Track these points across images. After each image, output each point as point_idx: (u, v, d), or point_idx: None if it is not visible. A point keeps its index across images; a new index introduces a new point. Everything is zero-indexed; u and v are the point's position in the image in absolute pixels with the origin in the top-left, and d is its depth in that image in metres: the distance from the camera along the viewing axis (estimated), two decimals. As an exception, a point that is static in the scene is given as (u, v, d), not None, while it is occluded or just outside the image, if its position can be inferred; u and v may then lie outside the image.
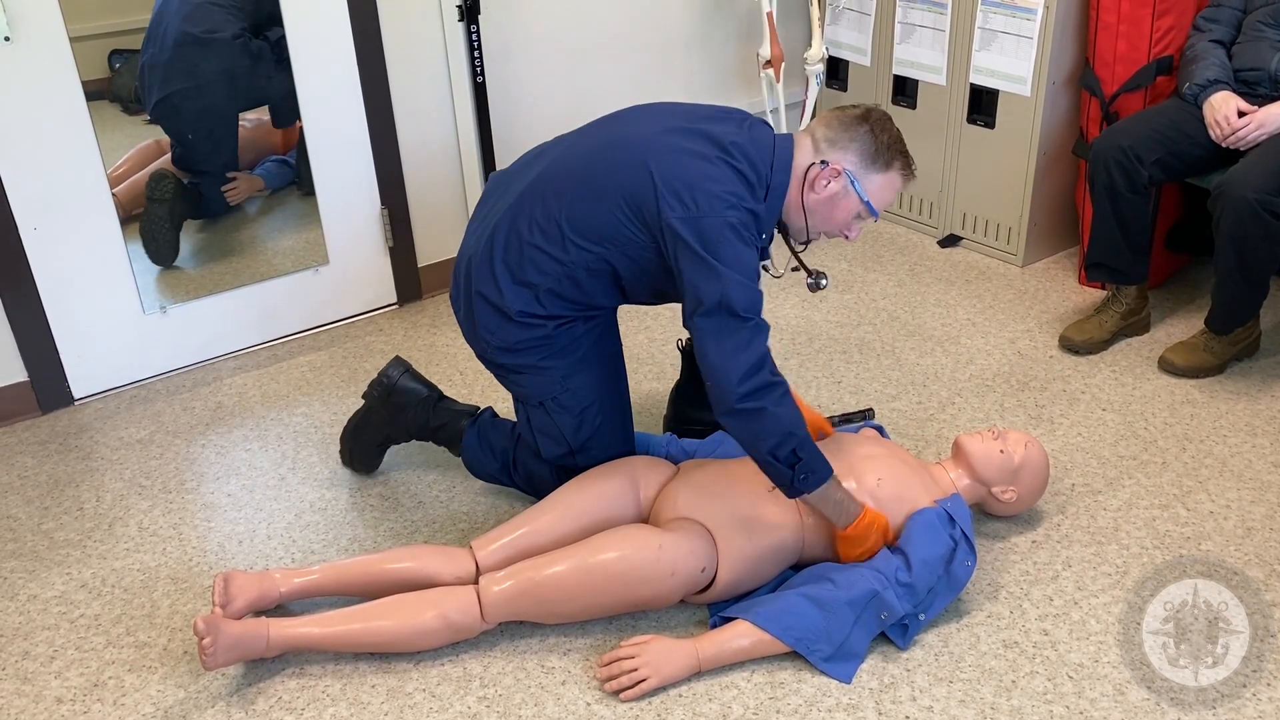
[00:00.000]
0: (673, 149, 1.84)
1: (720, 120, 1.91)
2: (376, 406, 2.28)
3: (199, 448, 2.52)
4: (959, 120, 3.24)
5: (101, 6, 2.57)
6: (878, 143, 1.88)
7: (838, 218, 1.92)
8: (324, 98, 2.80)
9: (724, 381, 1.77)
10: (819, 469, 1.83)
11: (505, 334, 1.98)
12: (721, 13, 3.41)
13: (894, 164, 1.90)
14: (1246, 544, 2.10)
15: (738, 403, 1.77)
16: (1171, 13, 2.77)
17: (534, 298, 1.94)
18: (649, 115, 1.96)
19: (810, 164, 1.89)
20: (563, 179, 1.92)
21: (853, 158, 1.88)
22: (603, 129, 1.98)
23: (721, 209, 1.79)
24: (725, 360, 1.77)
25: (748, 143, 1.87)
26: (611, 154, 1.90)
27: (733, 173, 1.83)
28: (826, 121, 1.91)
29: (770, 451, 1.79)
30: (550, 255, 1.91)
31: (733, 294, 1.76)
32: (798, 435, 1.79)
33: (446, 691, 1.82)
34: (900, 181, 1.92)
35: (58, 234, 2.56)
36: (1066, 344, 2.78)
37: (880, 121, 1.89)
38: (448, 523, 2.24)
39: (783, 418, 1.78)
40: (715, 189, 1.80)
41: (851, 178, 1.88)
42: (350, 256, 2.99)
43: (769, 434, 1.78)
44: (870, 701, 1.78)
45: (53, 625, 2.01)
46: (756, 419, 1.77)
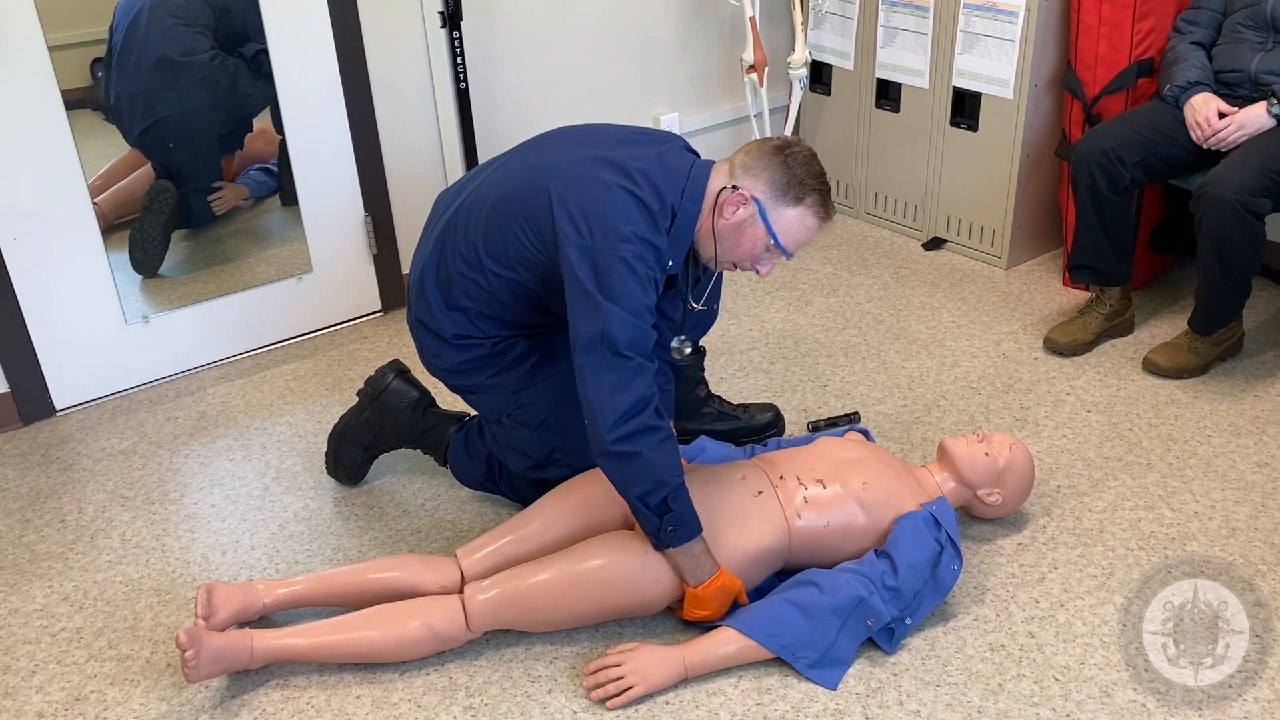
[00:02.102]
0: (577, 176, 1.81)
1: (636, 144, 1.88)
2: (367, 405, 2.28)
3: (182, 458, 2.50)
4: (942, 123, 3.24)
5: (81, 15, 2.56)
6: (790, 174, 1.82)
7: (745, 247, 1.86)
8: (306, 105, 2.79)
9: (599, 422, 1.72)
10: (687, 524, 1.78)
11: (446, 357, 2.03)
12: (704, 17, 3.41)
13: (805, 199, 1.83)
14: (1231, 544, 2.11)
15: (611, 445, 1.71)
16: (1152, 15, 2.79)
17: (467, 320, 1.97)
18: (565, 140, 1.95)
19: (722, 188, 1.84)
20: (481, 204, 1.94)
21: (763, 186, 1.83)
22: (522, 154, 1.98)
23: (615, 241, 1.74)
24: (602, 399, 1.72)
25: (658, 170, 1.82)
26: (523, 179, 1.89)
27: (633, 202, 1.78)
28: (748, 149, 1.87)
29: (640, 498, 1.74)
30: (473, 280, 1.93)
31: (614, 329, 1.72)
32: (670, 484, 1.74)
33: (432, 701, 1.81)
34: (812, 219, 1.85)
35: (38, 244, 2.55)
36: (1051, 346, 2.79)
37: (799, 155, 1.83)
38: (433, 531, 2.23)
39: (657, 464, 1.73)
40: (612, 219, 1.76)
41: (760, 207, 1.83)
42: (334, 264, 2.98)
43: (641, 479, 1.73)
44: (857, 706, 1.78)
45: (34, 639, 1.99)
46: (630, 463, 1.72)
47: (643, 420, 1.72)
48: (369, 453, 2.34)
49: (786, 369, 2.76)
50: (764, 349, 2.86)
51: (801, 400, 2.62)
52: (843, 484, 1.96)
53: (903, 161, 3.41)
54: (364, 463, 2.35)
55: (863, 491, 1.95)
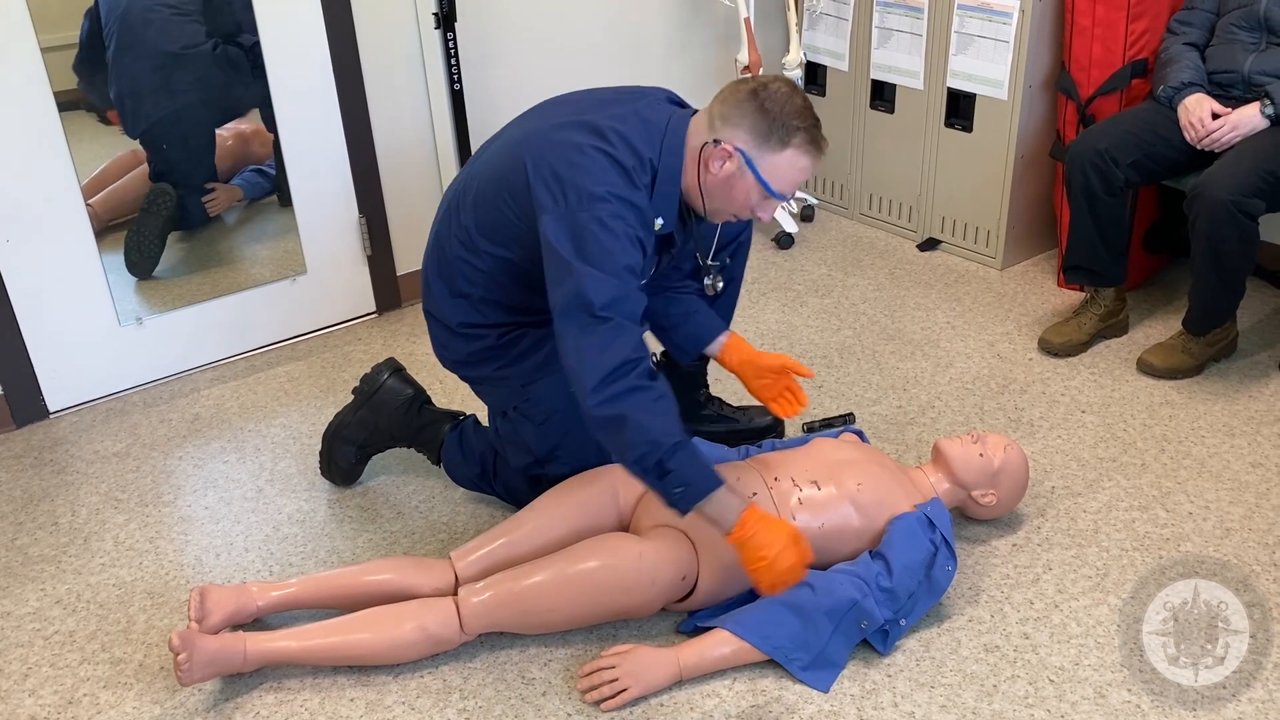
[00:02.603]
0: (549, 142, 1.77)
1: (614, 103, 1.81)
2: (362, 403, 2.28)
3: (176, 460, 2.50)
4: (937, 124, 3.25)
5: (74, 16, 2.55)
6: (770, 118, 1.72)
7: (738, 200, 1.79)
8: (300, 107, 2.79)
9: (583, 385, 1.64)
10: (696, 481, 1.65)
11: (455, 348, 2.02)
12: (700, 18, 3.41)
13: (792, 140, 1.73)
14: (1225, 544, 2.11)
15: (595, 408, 1.63)
16: (1145, 16, 2.79)
17: (471, 308, 1.96)
18: (544, 109, 1.91)
19: (704, 143, 1.76)
20: (470, 185, 1.93)
21: (745, 135, 1.74)
22: (507, 131, 1.95)
23: (590, 202, 1.68)
24: (583, 360, 1.64)
25: (635, 126, 1.76)
26: (505, 154, 1.87)
27: (607, 161, 1.71)
28: (723, 96, 1.78)
29: (636, 462, 1.65)
30: (470, 264, 1.92)
31: (588, 290, 1.65)
32: (664, 444, 1.63)
33: (426, 704, 1.81)
34: (804, 159, 1.75)
35: (31, 246, 2.54)
36: (1045, 346, 2.79)
37: (776, 94, 1.73)
38: (427, 534, 2.22)
39: (647, 426, 1.62)
40: (585, 181, 1.70)
41: (746, 157, 1.74)
42: (328, 266, 2.98)
43: (633, 444, 1.63)
44: (852, 708, 1.77)
45: (26, 642, 1.98)
46: (619, 427, 1.63)
47: (628, 381, 1.64)
48: (363, 452, 2.33)
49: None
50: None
51: (796, 401, 2.62)
52: (837, 485, 1.96)
53: (897, 162, 3.41)
54: (358, 462, 2.34)
55: (857, 493, 1.95)
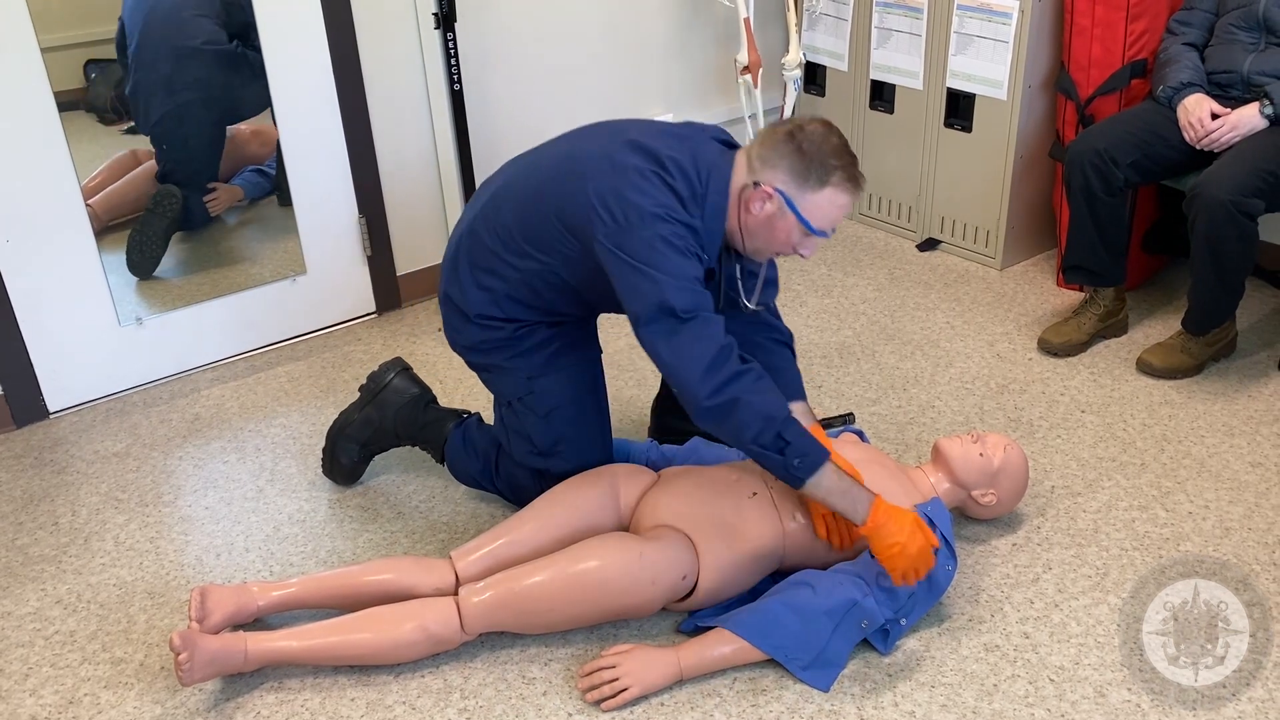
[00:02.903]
0: (610, 165, 1.82)
1: (666, 136, 1.87)
2: (367, 401, 2.29)
3: (176, 460, 2.50)
4: (936, 124, 3.25)
5: (74, 16, 2.55)
6: (808, 159, 1.78)
7: (779, 239, 1.84)
8: (300, 107, 2.79)
9: (687, 381, 1.72)
10: (811, 450, 1.75)
11: (467, 334, 2.05)
12: (699, 19, 3.41)
13: (830, 179, 1.78)
14: (1224, 544, 2.11)
15: (707, 399, 1.71)
16: (1145, 16, 2.79)
17: (493, 301, 1.99)
18: (600, 132, 1.95)
19: (744, 185, 1.82)
20: (520, 189, 1.95)
21: (784, 176, 1.79)
22: (561, 143, 1.98)
23: (652, 222, 1.75)
24: (681, 360, 1.72)
25: (688, 159, 1.82)
26: (559, 167, 1.90)
27: (665, 187, 1.78)
28: (761, 138, 1.83)
29: (754, 440, 1.73)
30: (508, 263, 1.95)
31: (670, 296, 1.72)
32: (778, 418, 1.72)
33: (427, 704, 1.81)
34: (843, 197, 1.80)
35: (31, 246, 2.54)
36: (1045, 346, 2.79)
37: (812, 135, 1.79)
38: (427, 533, 2.23)
39: (758, 404, 1.72)
40: (645, 203, 1.76)
41: (786, 197, 1.79)
42: (328, 266, 2.98)
43: (748, 423, 1.72)
44: (852, 707, 1.78)
45: (27, 642, 1.98)
46: (731, 411, 1.71)
47: (730, 367, 1.72)
48: (366, 450, 2.33)
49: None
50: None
51: (796, 401, 2.62)
52: (837, 485, 1.96)
53: (897, 162, 3.41)
54: (360, 461, 2.35)
55: (857, 492, 1.95)
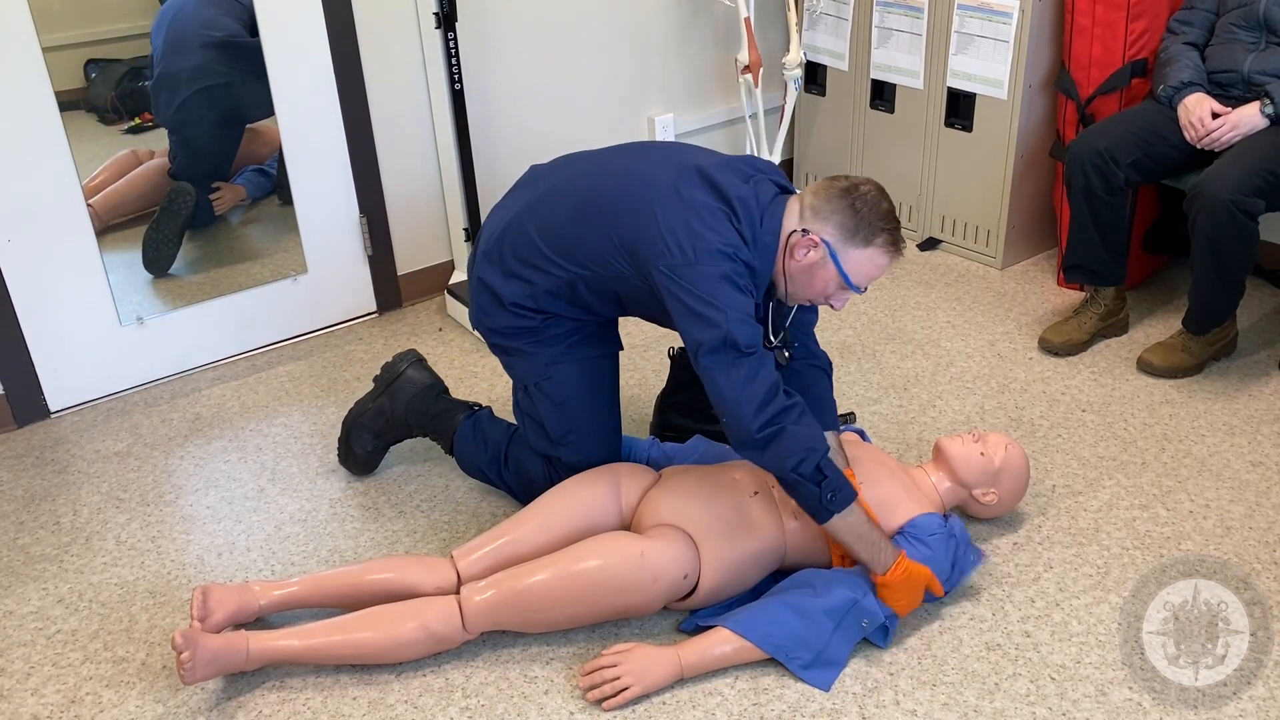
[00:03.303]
0: (679, 197, 1.85)
1: (730, 172, 1.91)
2: (381, 391, 2.31)
3: (177, 460, 2.50)
4: (937, 124, 3.25)
5: (75, 16, 2.55)
6: (859, 217, 1.84)
7: (816, 287, 1.89)
8: (301, 106, 2.79)
9: (740, 414, 1.78)
10: (844, 487, 1.81)
11: (496, 317, 2.07)
12: (699, 18, 3.41)
13: (875, 240, 1.85)
14: (1225, 543, 2.12)
15: (758, 432, 1.77)
16: (1145, 16, 2.79)
17: (530, 295, 2.01)
18: (665, 155, 1.97)
19: (793, 230, 1.87)
20: (578, 196, 1.96)
21: (832, 230, 1.85)
22: (622, 158, 2.00)
23: (719, 260, 1.80)
24: (738, 394, 1.78)
25: (751, 199, 1.87)
26: (622, 186, 1.92)
27: (731, 227, 1.84)
28: (815, 189, 1.89)
29: (795, 469, 1.77)
30: (555, 263, 1.96)
31: (735, 331, 1.77)
32: (819, 450, 1.79)
33: (429, 703, 1.81)
34: (883, 258, 1.87)
35: (32, 246, 2.54)
36: (1046, 345, 2.79)
37: (866, 196, 1.85)
38: (429, 532, 2.23)
39: (802, 435, 1.78)
40: (713, 239, 1.81)
41: (831, 249, 1.85)
42: (329, 265, 2.98)
43: (791, 452, 1.77)
44: (854, 706, 1.78)
45: (29, 641, 1.99)
46: (777, 441, 1.78)
47: (780, 402, 1.78)
48: (380, 440, 2.35)
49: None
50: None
51: (797, 400, 2.62)
52: (839, 484, 1.97)
53: (897, 162, 3.41)
54: (375, 451, 2.36)
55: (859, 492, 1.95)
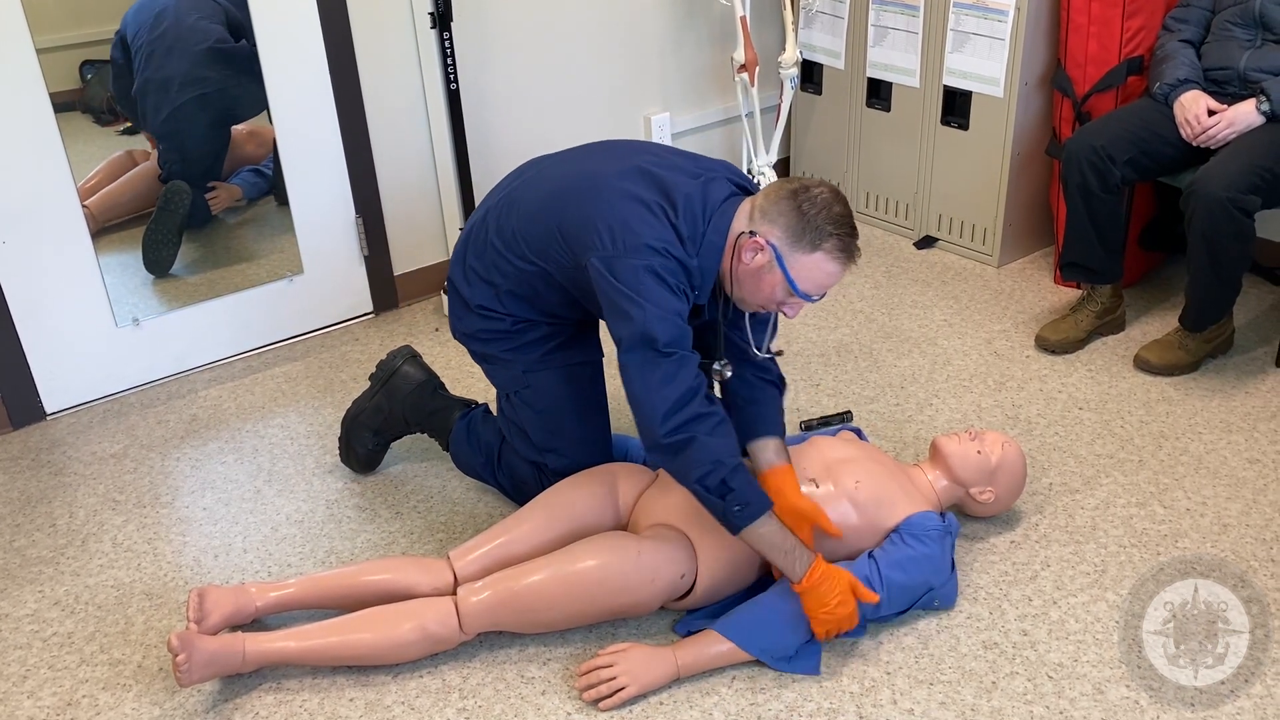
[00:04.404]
0: (619, 191, 1.82)
1: (679, 171, 1.87)
2: (377, 389, 2.32)
3: (174, 461, 2.50)
4: (933, 122, 3.25)
5: (70, 17, 2.54)
6: (805, 220, 1.75)
7: (764, 292, 1.81)
8: (296, 106, 2.79)
9: (650, 417, 1.73)
10: (754, 500, 1.75)
11: (468, 321, 2.08)
12: (695, 17, 3.41)
13: (823, 244, 1.76)
14: (1223, 540, 2.12)
15: (664, 437, 1.72)
16: (1141, 13, 2.79)
17: (494, 296, 2.02)
18: (619, 153, 1.95)
19: (741, 232, 1.80)
20: (532, 195, 1.97)
21: (779, 232, 1.77)
22: (580, 157, 1.99)
23: (646, 253, 1.75)
24: (651, 395, 1.73)
25: (697, 196, 1.82)
26: (572, 184, 1.91)
27: (667, 223, 1.79)
28: (767, 190, 1.83)
29: (699, 481, 1.73)
30: (509, 261, 1.97)
31: (654, 327, 1.72)
32: (727, 464, 1.73)
33: (425, 704, 1.81)
34: (831, 265, 1.78)
35: (27, 247, 2.54)
36: (1042, 343, 2.79)
37: (816, 198, 1.77)
38: (425, 534, 2.22)
39: (712, 447, 1.72)
40: (645, 232, 1.77)
41: (777, 253, 1.77)
42: (325, 266, 2.98)
43: (698, 463, 1.72)
44: (851, 705, 1.78)
45: (25, 644, 1.98)
46: (684, 450, 1.73)
47: (693, 409, 1.73)
48: (379, 438, 2.36)
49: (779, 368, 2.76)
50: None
51: (794, 399, 2.62)
52: (835, 483, 1.96)
53: (894, 160, 3.41)
54: (376, 449, 2.37)
55: (855, 491, 1.96)
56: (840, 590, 1.79)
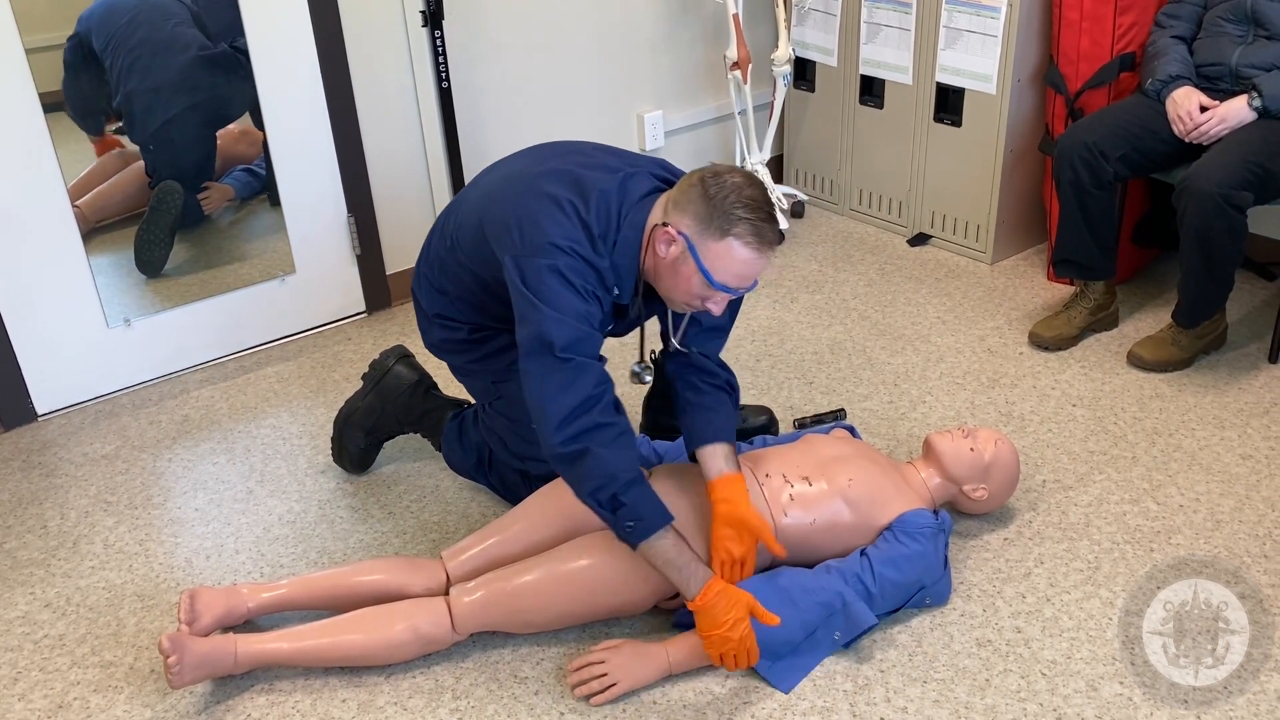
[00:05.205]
0: (535, 190, 1.79)
1: (599, 168, 1.83)
2: (370, 390, 2.31)
3: (165, 462, 2.49)
4: (926, 119, 3.24)
5: (58, 17, 2.53)
6: (712, 206, 1.69)
7: (682, 286, 1.75)
8: (287, 105, 2.78)
9: (545, 425, 1.70)
10: (648, 516, 1.71)
11: (431, 333, 2.10)
12: (688, 15, 3.40)
13: (732, 229, 1.68)
14: (1216, 537, 2.12)
15: (559, 446, 1.68)
16: (1133, 9, 2.79)
17: (448, 302, 2.03)
18: (543, 155, 1.92)
19: (655, 224, 1.75)
20: (471, 196, 1.97)
21: (689, 220, 1.71)
22: (515, 159, 1.98)
23: (552, 252, 1.71)
24: (546, 402, 1.69)
25: (614, 192, 1.78)
26: (498, 184, 1.90)
27: (577, 221, 1.74)
28: (679, 181, 1.78)
29: (590, 494, 1.70)
30: (451, 268, 1.98)
31: (551, 331, 1.69)
32: (620, 479, 1.68)
33: (418, 704, 1.80)
34: (745, 251, 1.69)
35: (17, 248, 2.53)
36: (1036, 340, 2.79)
37: (725, 182, 1.70)
38: (418, 534, 2.22)
39: (607, 460, 1.68)
40: (552, 230, 1.73)
41: (690, 242, 1.71)
42: (317, 265, 2.97)
43: (590, 476, 1.68)
44: (845, 703, 1.77)
45: (15, 646, 1.97)
46: (579, 461, 1.69)
47: (591, 418, 1.69)
48: (372, 438, 2.35)
49: (772, 366, 2.76)
50: (749, 346, 2.85)
51: (787, 397, 2.62)
52: (829, 481, 1.96)
53: (887, 157, 3.41)
54: (368, 449, 2.37)
55: (849, 488, 1.95)
56: (735, 611, 1.73)
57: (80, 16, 2.55)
